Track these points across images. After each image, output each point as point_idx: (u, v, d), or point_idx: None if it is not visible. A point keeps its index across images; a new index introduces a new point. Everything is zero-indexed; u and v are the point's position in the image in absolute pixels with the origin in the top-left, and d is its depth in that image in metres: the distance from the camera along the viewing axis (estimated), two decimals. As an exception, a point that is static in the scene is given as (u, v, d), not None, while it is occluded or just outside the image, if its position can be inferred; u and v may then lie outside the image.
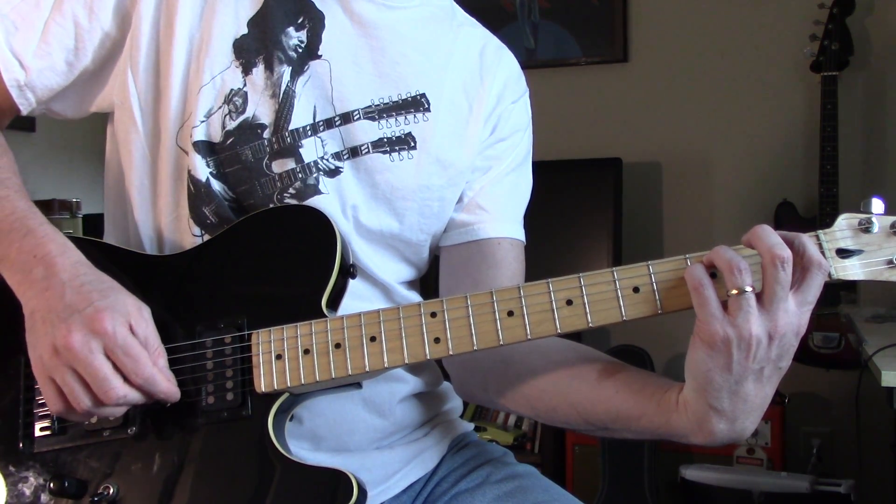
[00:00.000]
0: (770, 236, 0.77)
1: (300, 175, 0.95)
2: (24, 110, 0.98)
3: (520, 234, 1.07)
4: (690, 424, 0.82)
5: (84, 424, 0.88)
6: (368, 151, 0.97)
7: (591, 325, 0.82)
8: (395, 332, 0.85)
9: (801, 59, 2.74)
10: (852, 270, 0.82)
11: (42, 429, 0.90)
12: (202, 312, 0.91)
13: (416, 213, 1.00)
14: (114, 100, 0.99)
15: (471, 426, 1.16)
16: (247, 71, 0.95)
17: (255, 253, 0.93)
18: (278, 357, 0.86)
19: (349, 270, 0.91)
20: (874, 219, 0.83)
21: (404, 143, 0.98)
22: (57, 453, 0.90)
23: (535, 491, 1.00)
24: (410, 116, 0.99)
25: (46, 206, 2.25)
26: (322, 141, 0.96)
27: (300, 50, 0.96)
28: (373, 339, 0.86)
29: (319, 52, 0.96)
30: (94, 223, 2.38)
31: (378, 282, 1.00)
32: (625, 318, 0.82)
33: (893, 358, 1.73)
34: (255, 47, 0.95)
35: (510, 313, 0.83)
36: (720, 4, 2.94)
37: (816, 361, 2.62)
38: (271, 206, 0.95)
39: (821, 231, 0.83)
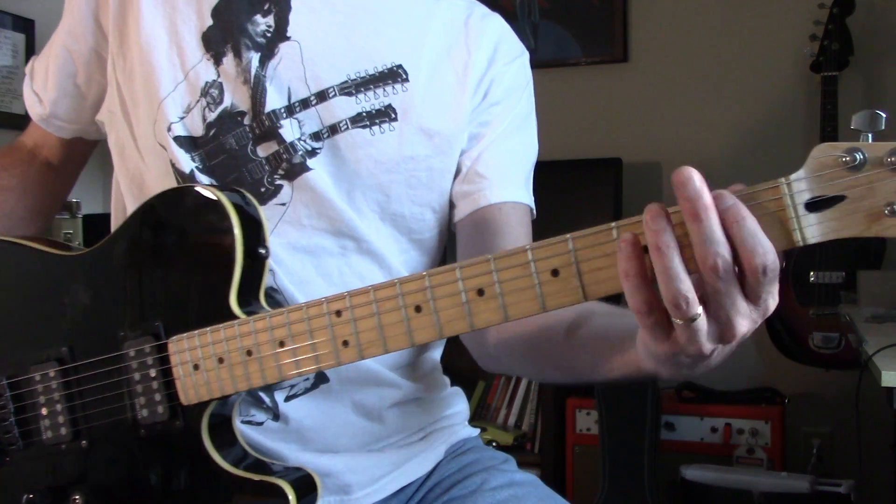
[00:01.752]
0: (703, 224, 0.60)
1: (285, 156, 0.94)
2: (66, 135, 1.11)
3: (521, 196, 1.03)
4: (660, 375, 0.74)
5: (43, 439, 0.90)
6: (347, 128, 0.95)
7: (508, 319, 0.71)
8: (302, 336, 0.78)
9: (801, 59, 2.74)
10: (828, 227, 0.61)
11: (8, 442, 0.92)
12: (121, 317, 0.88)
13: (403, 185, 0.98)
14: (107, 107, 1.02)
15: (476, 432, 1.13)
16: (218, 62, 0.95)
17: (157, 247, 0.87)
18: (196, 367, 0.83)
19: (258, 252, 0.84)
20: (863, 149, 0.60)
21: (385, 115, 0.96)
22: (25, 465, 0.91)
23: (529, 500, 0.97)
24: (389, 88, 0.97)
25: (46, 207, 2.25)
26: (299, 122, 0.95)
27: (269, 35, 0.96)
28: (282, 344, 0.79)
29: (288, 34, 0.96)
30: (94, 223, 2.38)
31: (384, 263, 0.98)
32: (546, 309, 0.69)
33: (893, 358, 1.73)
34: (222, 37, 0.95)
35: (418, 309, 0.74)
36: (720, 5, 2.94)
37: (816, 361, 2.62)
38: (200, 190, 0.87)
39: (784, 179, 0.62)
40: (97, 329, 0.88)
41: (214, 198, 0.83)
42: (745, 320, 0.64)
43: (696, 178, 0.61)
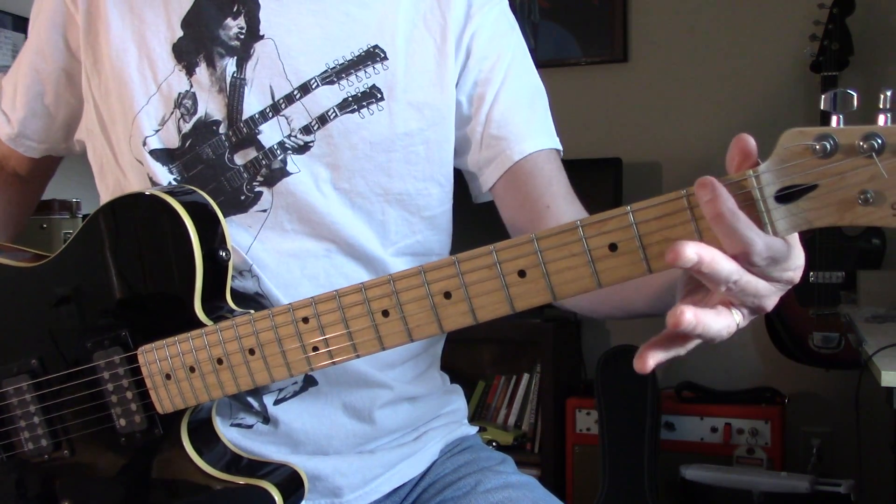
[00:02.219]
0: (712, 279, 0.60)
1: (263, 162, 0.94)
2: (35, 154, 1.10)
3: (542, 142, 1.02)
4: None
5: (25, 451, 0.90)
6: (336, 115, 0.95)
7: (477, 321, 0.70)
8: (271, 344, 0.77)
9: (801, 59, 2.74)
10: (800, 218, 0.58)
11: None
12: (87, 327, 0.87)
13: (403, 162, 0.97)
14: (85, 125, 1.02)
15: (474, 430, 1.12)
16: (190, 72, 0.95)
17: (114, 254, 0.86)
18: (168, 377, 0.82)
19: (218, 255, 0.83)
20: (833, 135, 0.56)
21: (370, 96, 0.96)
22: (11, 476, 0.91)
23: (523, 503, 0.95)
24: (370, 69, 0.96)
25: (46, 206, 2.26)
26: (287, 119, 0.94)
27: (242, 36, 0.95)
28: (251, 352, 0.78)
29: (261, 33, 0.95)
30: (94, 223, 2.38)
31: (370, 262, 0.97)
32: (515, 309, 0.68)
33: (893, 358, 1.72)
34: (194, 47, 0.95)
35: (385, 313, 0.72)
36: (720, 4, 2.94)
37: (816, 361, 2.62)
38: (156, 197, 0.86)
39: (752, 171, 0.58)
40: (65, 340, 0.88)
41: (167, 203, 0.81)
42: (773, 296, 0.64)
43: (691, 250, 0.59)
